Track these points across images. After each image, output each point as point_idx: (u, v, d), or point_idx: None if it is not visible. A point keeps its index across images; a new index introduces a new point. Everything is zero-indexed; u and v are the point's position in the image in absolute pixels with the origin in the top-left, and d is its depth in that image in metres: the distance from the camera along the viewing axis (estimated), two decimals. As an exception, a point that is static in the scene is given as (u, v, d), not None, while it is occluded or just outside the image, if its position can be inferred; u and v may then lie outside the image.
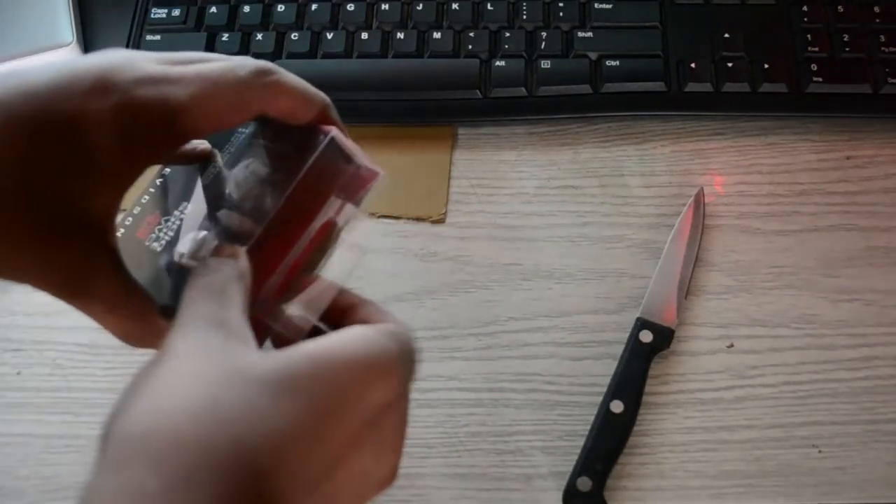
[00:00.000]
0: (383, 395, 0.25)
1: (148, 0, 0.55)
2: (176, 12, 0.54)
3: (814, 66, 0.50)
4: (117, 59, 0.26)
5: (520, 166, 0.50)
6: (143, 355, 0.24)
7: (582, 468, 0.40)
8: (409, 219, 0.49)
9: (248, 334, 0.25)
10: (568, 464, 0.41)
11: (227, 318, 0.25)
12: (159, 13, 0.54)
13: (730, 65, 0.51)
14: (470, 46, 0.52)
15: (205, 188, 0.30)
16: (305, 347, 0.24)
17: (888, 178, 0.49)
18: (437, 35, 0.52)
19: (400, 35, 0.52)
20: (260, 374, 0.23)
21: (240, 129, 0.30)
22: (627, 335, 0.44)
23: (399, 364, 0.26)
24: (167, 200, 0.30)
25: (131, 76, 0.26)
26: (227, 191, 0.29)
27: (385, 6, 0.53)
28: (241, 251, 0.27)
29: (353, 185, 0.29)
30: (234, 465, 0.21)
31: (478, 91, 0.51)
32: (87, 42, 0.54)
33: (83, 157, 0.25)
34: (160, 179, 0.30)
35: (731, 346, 0.44)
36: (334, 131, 0.28)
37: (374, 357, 0.25)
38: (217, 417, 0.21)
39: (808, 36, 0.51)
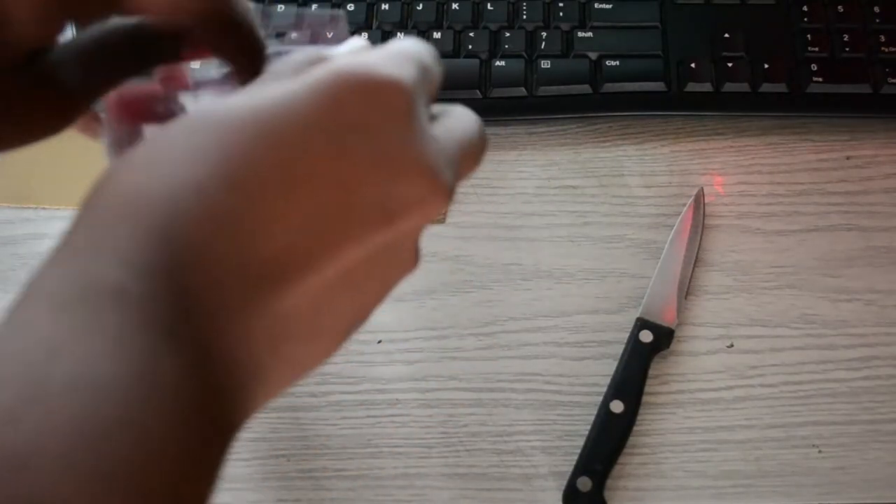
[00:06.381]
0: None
1: None
2: None
3: (814, 66, 0.50)
4: None
5: (520, 166, 0.50)
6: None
7: (582, 468, 0.40)
8: (409, 219, 0.49)
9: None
10: (568, 464, 0.41)
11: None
12: None
13: (730, 65, 0.51)
14: (470, 46, 0.52)
15: None
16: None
17: (888, 178, 0.49)
18: (437, 35, 0.52)
19: (400, 35, 0.52)
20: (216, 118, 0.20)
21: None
22: (627, 335, 0.44)
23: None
24: None
25: None
26: None
27: (385, 6, 0.53)
28: None
29: None
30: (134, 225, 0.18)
31: (478, 91, 0.51)
32: None
33: None
34: None
35: (731, 346, 0.44)
36: None
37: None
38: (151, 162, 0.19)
39: (808, 36, 0.51)
